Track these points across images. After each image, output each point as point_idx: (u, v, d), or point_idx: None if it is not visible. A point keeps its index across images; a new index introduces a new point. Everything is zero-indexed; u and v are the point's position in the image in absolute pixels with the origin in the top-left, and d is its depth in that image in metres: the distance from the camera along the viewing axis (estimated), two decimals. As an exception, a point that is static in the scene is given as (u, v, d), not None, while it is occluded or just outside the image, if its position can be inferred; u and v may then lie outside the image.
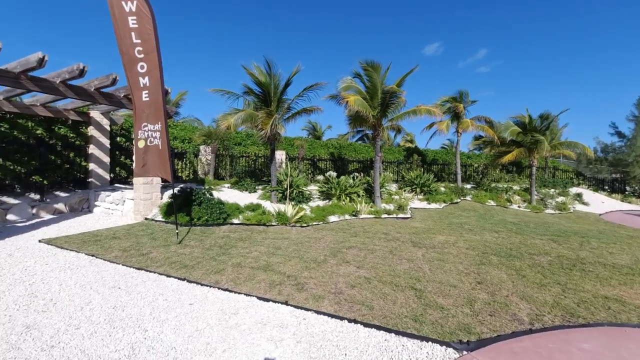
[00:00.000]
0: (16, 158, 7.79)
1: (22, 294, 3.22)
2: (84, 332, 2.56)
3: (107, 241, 5.31)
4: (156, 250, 4.89)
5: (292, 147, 14.90)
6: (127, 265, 4.19)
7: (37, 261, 4.26)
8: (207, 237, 5.71)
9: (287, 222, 6.96)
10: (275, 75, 8.82)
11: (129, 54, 5.01)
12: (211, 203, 6.93)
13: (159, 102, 5.14)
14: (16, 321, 2.69)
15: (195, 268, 4.12)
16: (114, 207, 7.80)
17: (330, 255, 4.84)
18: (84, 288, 3.43)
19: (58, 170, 8.55)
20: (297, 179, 9.14)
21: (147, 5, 4.88)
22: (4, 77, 5.66)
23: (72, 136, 8.96)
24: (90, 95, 6.85)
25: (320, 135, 26.90)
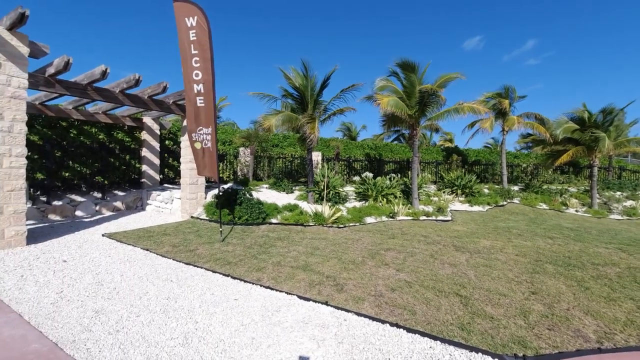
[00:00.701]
0: (82, 160, 8.72)
1: (90, 282, 3.59)
2: (143, 319, 2.79)
3: (159, 237, 5.74)
4: (202, 247, 5.18)
5: (327, 148, 14.97)
6: (177, 260, 4.48)
7: (101, 253, 4.73)
8: (247, 236, 5.93)
9: (324, 222, 7.00)
10: (312, 78, 8.93)
11: (188, 63, 5.50)
12: (251, 203, 7.19)
13: (211, 106, 5.51)
14: (87, 306, 3.00)
15: (238, 265, 4.29)
16: (163, 206, 8.41)
17: (368, 257, 4.78)
18: (142, 279, 3.73)
19: (116, 171, 9.42)
20: (334, 180, 9.16)
21: (205, 20, 5.30)
22: (74, 88, 6.36)
23: (128, 140, 9.82)
24: (144, 102, 7.46)
25: (355, 136, 26.71)
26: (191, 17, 5.43)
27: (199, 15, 5.41)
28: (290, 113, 8.33)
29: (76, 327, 2.64)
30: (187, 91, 5.76)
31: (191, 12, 5.45)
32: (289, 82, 8.97)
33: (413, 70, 8.93)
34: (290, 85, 8.88)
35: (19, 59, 5.13)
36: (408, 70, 8.94)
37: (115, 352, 2.31)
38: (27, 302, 3.06)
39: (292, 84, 8.93)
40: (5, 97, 4.96)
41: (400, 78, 9.43)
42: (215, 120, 5.71)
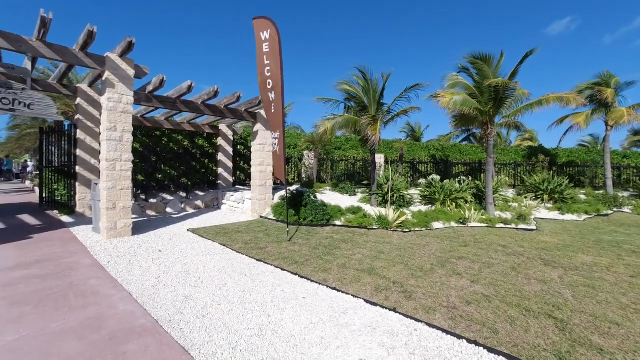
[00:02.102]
0: (171, 164, 10.04)
1: (180, 271, 4.09)
2: (224, 308, 3.06)
3: (233, 234, 6.26)
4: (271, 245, 5.49)
5: (390, 150, 14.58)
6: (249, 256, 4.83)
7: (187, 246, 5.36)
8: (312, 237, 6.09)
9: (388, 226, 6.80)
10: (373, 81, 8.83)
11: (263, 73, 5.96)
12: (315, 205, 7.38)
13: (279, 112, 5.85)
14: (178, 292, 3.43)
15: (305, 265, 4.43)
16: (236, 206, 9.17)
17: (437, 265, 4.49)
18: (220, 272, 4.11)
19: (197, 174, 10.61)
20: (398, 183, 8.86)
21: (276, 32, 5.70)
22: (167, 102, 7.37)
23: (207, 146, 10.98)
24: (221, 111, 8.26)
25: (419, 137, 25.46)
26: (265, 30, 5.86)
27: (271, 28, 5.80)
28: (349, 116, 8.35)
29: (171, 308, 3.03)
30: (264, 99, 6.21)
31: (265, 26, 5.87)
32: (349, 88, 9.01)
33: (485, 63, 8.15)
34: (351, 90, 8.91)
35: (127, 80, 6.15)
36: (479, 64, 8.19)
37: (202, 335, 2.58)
38: (134, 284, 3.63)
39: (353, 88, 8.96)
40: (117, 112, 5.99)
41: (471, 73, 8.70)
42: (283, 125, 6.02)
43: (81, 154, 8.06)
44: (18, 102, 5.41)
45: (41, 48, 5.36)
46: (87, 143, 8.18)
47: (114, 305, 3.07)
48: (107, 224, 5.67)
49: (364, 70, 8.54)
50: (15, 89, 5.41)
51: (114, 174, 5.83)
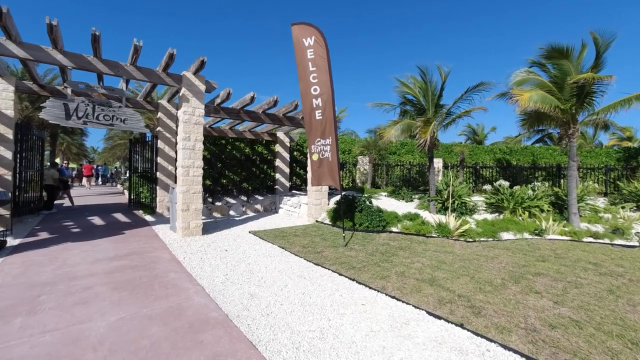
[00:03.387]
0: (234, 170, 10.83)
1: (244, 270, 4.37)
2: (286, 308, 3.18)
3: (291, 237, 6.48)
4: (327, 250, 5.55)
5: (449, 154, 13.74)
6: (307, 260, 4.94)
7: (249, 247, 5.71)
8: (368, 243, 6.00)
9: (449, 234, 6.39)
10: (431, 83, 8.44)
11: (306, 80, 6.03)
12: (371, 210, 7.28)
13: (330, 118, 5.88)
14: (244, 289, 3.66)
15: (362, 271, 4.38)
16: (292, 210, 9.49)
17: (510, 280, 4.06)
18: (281, 273, 4.29)
19: (257, 179, 11.26)
20: (459, 189, 8.28)
21: (321, 37, 5.78)
22: (232, 112, 8.00)
23: (265, 153, 11.62)
24: (280, 119, 8.68)
25: (482, 140, 23.51)
26: (309, 37, 5.92)
27: (316, 35, 5.85)
28: (409, 121, 8.07)
29: (238, 305, 3.24)
30: (304, 106, 6.24)
31: (309, 33, 5.93)
32: (407, 90, 8.74)
33: (566, 55, 7.20)
34: (408, 93, 8.64)
35: (199, 95, 6.83)
36: (557, 57, 7.28)
37: (267, 332, 2.71)
38: (206, 279, 3.98)
39: (409, 91, 8.67)
40: (191, 124, 6.68)
41: (547, 68, 7.78)
42: (335, 131, 6.00)
43: (161, 161, 9.18)
44: (116, 118, 6.38)
45: (133, 71, 6.27)
46: (165, 152, 9.28)
47: (190, 297, 3.41)
48: (182, 223, 6.34)
49: (424, 70, 8.19)
50: (113, 106, 6.41)
51: (187, 179, 6.51)
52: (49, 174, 9.73)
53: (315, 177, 6.26)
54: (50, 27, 5.09)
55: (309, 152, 6.48)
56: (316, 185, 6.58)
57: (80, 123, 6.04)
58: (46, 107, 5.77)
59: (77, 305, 3.13)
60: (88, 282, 3.77)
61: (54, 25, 5.09)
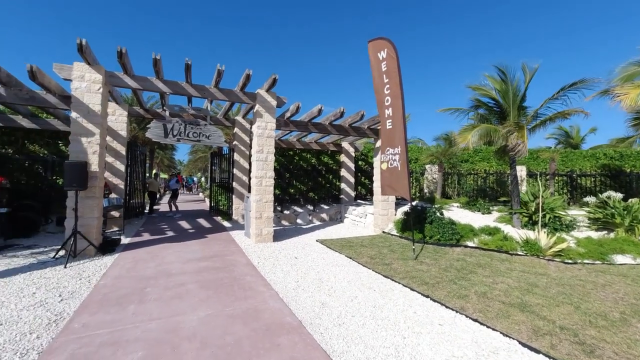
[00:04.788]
0: (301, 180, 11.26)
1: (314, 278, 4.46)
2: (357, 321, 3.12)
3: (357, 248, 6.41)
4: (396, 262, 5.33)
5: (534, 160, 12.11)
6: (375, 272, 4.81)
7: (318, 255, 5.81)
8: (441, 257, 5.58)
9: (540, 253, 5.56)
10: (513, 82, 7.58)
11: (381, 92, 6.11)
12: (442, 222, 6.79)
13: (400, 128, 5.77)
14: (315, 298, 3.72)
15: (436, 287, 4.07)
16: (358, 220, 9.41)
17: (632, 315, 3.32)
18: (350, 284, 4.25)
19: (323, 188, 11.51)
20: (550, 201, 7.19)
21: (393, 49, 5.78)
22: (300, 125, 8.37)
23: (330, 163, 11.83)
24: (345, 130, 8.78)
25: (578, 144, 20.16)
26: (382, 50, 6.03)
27: (388, 47, 5.92)
28: (488, 125, 7.35)
29: (311, 312, 3.31)
30: (380, 117, 6.30)
31: (382, 46, 6.04)
32: (482, 92, 8.02)
33: None
34: (484, 95, 7.91)
35: (271, 110, 7.33)
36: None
37: (340, 343, 2.70)
38: (279, 284, 4.17)
39: (486, 93, 7.94)
40: (264, 137, 7.19)
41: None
42: (405, 140, 5.86)
43: (236, 172, 10.06)
44: (202, 135, 7.24)
45: (216, 93, 7.06)
46: (240, 163, 10.15)
47: (265, 301, 3.60)
48: (255, 230, 6.80)
49: (503, 69, 7.44)
50: (200, 125, 7.28)
51: (260, 189, 6.99)
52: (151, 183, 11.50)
53: (384, 186, 6.26)
54: (155, 60, 6.07)
55: (379, 161, 6.48)
56: (385, 195, 6.53)
57: (175, 140, 7.02)
58: (150, 128, 6.85)
59: (173, 299, 3.57)
60: (181, 279, 4.28)
61: (157, 59, 6.06)
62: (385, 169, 6.14)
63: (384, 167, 6.19)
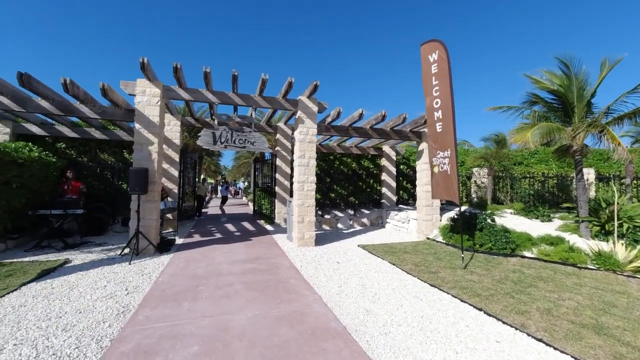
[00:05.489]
0: (341, 184, 11.24)
1: (357, 284, 4.39)
2: (404, 330, 3.00)
3: (401, 254, 6.20)
4: (443, 270, 5.05)
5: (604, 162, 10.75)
6: (421, 280, 4.60)
7: (360, 261, 5.73)
8: (493, 267, 5.17)
9: (617, 268, 4.89)
10: (577, 77, 6.83)
11: (430, 94, 5.95)
12: (494, 230, 6.30)
13: (449, 131, 5.54)
14: (359, 304, 3.66)
15: (490, 300, 3.77)
16: (400, 225, 9.12)
17: None
18: (394, 291, 4.11)
19: (363, 193, 11.37)
20: (629, 208, 6.31)
21: (444, 51, 5.63)
22: (341, 130, 8.38)
23: (371, 167, 11.67)
24: (387, 133, 8.60)
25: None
26: (433, 52, 5.89)
27: (439, 49, 5.77)
28: (550, 123, 6.70)
29: (355, 319, 3.25)
30: (428, 119, 6.11)
31: (433, 48, 5.90)
32: (541, 87, 7.33)
33: None
34: (543, 90, 7.22)
35: (312, 116, 7.44)
36: None
37: (388, 354, 2.60)
38: (322, 289, 4.17)
39: (545, 87, 7.24)
40: (305, 143, 7.31)
41: None
42: (454, 143, 5.59)
43: (278, 177, 10.35)
44: (247, 141, 7.58)
45: (260, 101, 7.35)
46: (282, 168, 10.43)
47: (309, 304, 3.62)
48: (297, 234, 6.91)
49: (567, 61, 6.75)
50: (245, 132, 7.63)
51: (302, 193, 7.10)
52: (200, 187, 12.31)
53: (435, 190, 6.09)
54: (205, 74, 6.50)
55: (430, 164, 6.31)
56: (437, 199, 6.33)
57: (222, 147, 7.43)
58: (201, 136, 7.34)
59: (223, 299, 3.75)
60: (229, 279, 4.49)
61: (207, 72, 6.49)
62: (437, 172, 5.96)
63: (435, 171, 6.02)
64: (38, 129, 8.52)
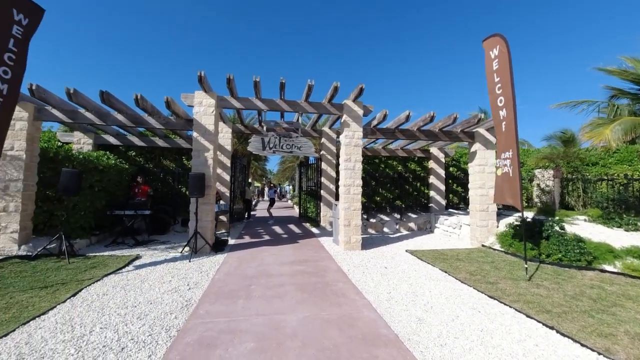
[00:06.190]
0: (387, 188, 10.98)
1: (407, 291, 4.23)
2: (463, 344, 2.81)
3: (453, 261, 5.84)
4: (503, 281, 4.64)
5: None
6: (478, 290, 4.28)
7: (408, 267, 5.52)
8: (565, 281, 4.62)
9: None
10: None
11: (493, 91, 5.61)
12: (564, 239, 5.64)
13: (511, 129, 5.14)
14: (410, 312, 3.52)
15: (564, 318, 3.36)
16: (451, 230, 8.62)
17: None
18: (448, 301, 3.88)
19: (410, 197, 10.98)
20: None
21: (505, 45, 5.29)
22: (386, 132, 8.21)
23: (418, 170, 11.23)
24: (435, 135, 8.22)
25: None
26: (494, 48, 5.55)
27: (500, 44, 5.42)
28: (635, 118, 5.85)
29: (407, 327, 3.13)
30: (494, 119, 5.75)
31: (494, 44, 5.56)
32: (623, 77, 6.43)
33: None
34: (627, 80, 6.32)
35: (358, 119, 7.40)
36: None
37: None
38: (371, 294, 4.09)
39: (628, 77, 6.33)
40: (351, 146, 7.28)
41: None
42: (516, 143, 5.15)
43: (324, 181, 10.45)
44: (294, 146, 7.78)
45: (306, 106, 7.51)
46: (327, 172, 10.51)
47: (359, 309, 3.58)
48: (344, 237, 6.89)
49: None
50: (292, 137, 7.85)
51: (348, 197, 7.07)
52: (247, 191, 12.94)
53: (497, 194, 5.71)
54: (255, 83, 6.84)
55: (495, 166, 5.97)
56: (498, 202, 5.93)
57: (271, 152, 7.73)
58: (250, 142, 7.72)
59: (274, 298, 3.87)
60: (279, 280, 4.63)
61: (257, 81, 6.82)
62: (500, 174, 5.57)
63: (498, 173, 5.64)
64: (114, 140, 9.69)
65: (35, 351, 2.55)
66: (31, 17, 4.57)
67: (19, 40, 4.42)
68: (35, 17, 4.63)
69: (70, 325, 3.02)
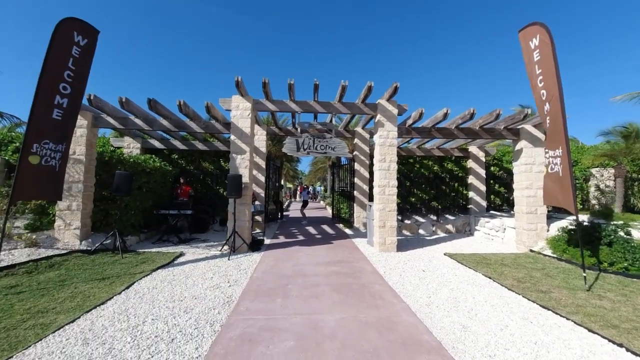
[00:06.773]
0: (422, 188, 10.61)
1: (448, 297, 4.04)
2: (514, 356, 2.61)
3: (497, 267, 5.48)
4: (557, 290, 4.26)
5: None
6: (527, 299, 3.97)
7: (447, 270, 5.28)
8: (633, 294, 4.14)
9: None
10: None
11: (536, 85, 5.25)
12: (630, 245, 5.07)
13: (558, 126, 4.72)
14: (453, 319, 3.35)
15: (635, 335, 3.00)
16: (493, 234, 8.11)
17: None
18: (495, 309, 3.64)
19: (447, 197, 10.52)
20: None
21: (547, 34, 4.88)
22: (423, 131, 7.94)
23: (456, 169, 10.72)
24: (475, 132, 7.79)
25: None
26: (533, 37, 5.15)
27: (540, 33, 5.00)
28: None
29: (450, 334, 2.98)
30: (540, 114, 5.35)
31: (533, 33, 5.15)
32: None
33: None
34: None
35: (392, 119, 7.23)
36: None
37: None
38: (409, 298, 3.96)
39: None
40: (386, 146, 7.13)
41: None
42: (566, 140, 4.71)
43: (357, 181, 10.35)
44: (328, 147, 7.80)
45: (340, 107, 7.50)
46: (360, 172, 10.40)
47: (398, 313, 3.48)
48: (379, 239, 6.77)
49: None
50: (326, 138, 7.87)
51: (383, 198, 6.93)
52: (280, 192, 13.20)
53: (546, 195, 5.28)
54: (290, 85, 6.95)
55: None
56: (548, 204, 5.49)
57: (305, 153, 7.81)
58: (285, 144, 7.86)
59: (311, 298, 3.89)
60: (315, 280, 4.65)
61: (291, 84, 6.92)
62: (546, 174, 5.15)
63: (545, 173, 5.22)
64: (159, 144, 10.38)
65: (98, 337, 2.78)
66: (89, 38, 5.05)
67: (77, 59, 4.90)
68: (92, 38, 5.10)
69: (126, 315, 3.27)
